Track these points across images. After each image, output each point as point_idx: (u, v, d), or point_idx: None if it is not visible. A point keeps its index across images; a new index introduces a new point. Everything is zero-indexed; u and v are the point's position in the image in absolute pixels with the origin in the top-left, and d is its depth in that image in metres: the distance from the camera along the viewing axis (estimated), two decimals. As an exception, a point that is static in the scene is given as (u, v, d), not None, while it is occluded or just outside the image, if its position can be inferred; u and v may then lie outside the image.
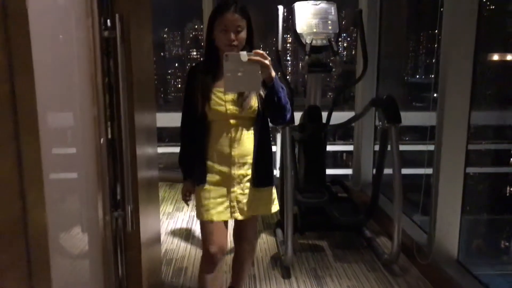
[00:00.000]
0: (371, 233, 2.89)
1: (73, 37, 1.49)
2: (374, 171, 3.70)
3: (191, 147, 1.75)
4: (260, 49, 1.52)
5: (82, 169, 1.57)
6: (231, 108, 1.66)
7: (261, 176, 1.74)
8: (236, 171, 1.71)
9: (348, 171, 4.53)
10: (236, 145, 1.69)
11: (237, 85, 1.49)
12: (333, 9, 2.84)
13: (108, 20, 1.57)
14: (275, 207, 1.80)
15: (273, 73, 1.55)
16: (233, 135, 1.69)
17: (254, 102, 1.66)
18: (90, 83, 1.56)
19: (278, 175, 4.29)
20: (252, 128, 1.70)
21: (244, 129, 1.69)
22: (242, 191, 1.73)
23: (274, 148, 4.30)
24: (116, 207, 1.68)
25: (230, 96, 1.66)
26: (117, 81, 1.62)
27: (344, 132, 5.03)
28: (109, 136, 1.67)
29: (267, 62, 1.49)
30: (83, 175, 1.58)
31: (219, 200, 1.73)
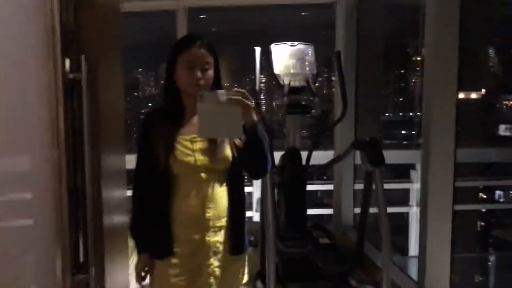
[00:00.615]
0: (357, 282, 2.73)
1: (33, 78, 1.37)
2: (356, 211, 3.64)
3: (150, 211, 1.41)
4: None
5: (37, 222, 1.39)
6: (201, 158, 1.39)
7: (239, 240, 1.46)
8: (212, 238, 1.40)
9: (325, 211, 4.43)
10: (211, 204, 1.39)
11: (214, 129, 1.27)
12: (310, 51, 2.82)
13: (74, 62, 1.48)
14: (246, 277, 1.56)
15: (255, 117, 1.31)
16: (205, 192, 1.39)
17: (227, 150, 1.41)
18: (50, 126, 1.43)
19: (255, 219, 4.14)
20: (225, 182, 1.43)
21: (217, 184, 1.41)
22: (219, 262, 1.42)
23: (249, 189, 4.15)
24: (78, 268, 1.49)
25: (199, 145, 1.40)
26: (82, 124, 1.50)
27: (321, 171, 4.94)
28: (72, 183, 1.51)
29: (249, 103, 1.26)
30: (39, 230, 1.40)
31: (191, 276, 1.40)
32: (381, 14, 3.95)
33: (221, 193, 1.42)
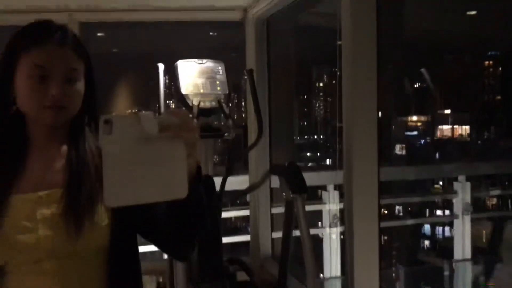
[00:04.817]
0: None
1: None
2: (274, 236, 3.47)
3: None
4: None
5: None
6: (48, 234, 0.81)
7: None
8: None
9: (241, 238, 4.22)
10: None
11: (135, 189, 0.68)
12: (220, 69, 2.60)
13: None
14: None
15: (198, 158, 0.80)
16: None
17: (103, 214, 0.85)
18: None
19: (164, 256, 3.76)
20: (99, 273, 0.85)
21: (81, 278, 0.82)
22: None
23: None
24: None
25: (48, 209, 0.82)
26: None
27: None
28: None
29: (196, 133, 0.75)
30: None
31: None
32: (290, 35, 3.92)
33: None
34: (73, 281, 0.82)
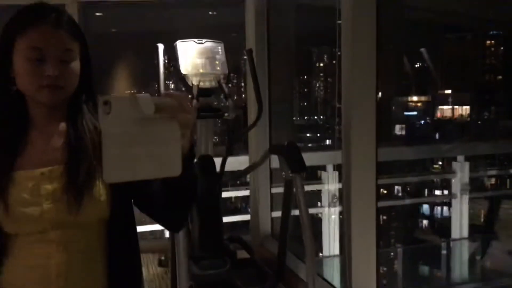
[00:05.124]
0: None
1: None
2: (274, 215, 3.52)
3: None
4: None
5: None
6: (51, 208, 0.87)
7: None
8: None
9: (241, 217, 4.27)
10: (62, 282, 0.87)
11: (132, 166, 0.71)
12: (220, 49, 2.60)
13: None
14: None
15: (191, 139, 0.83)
16: (56, 263, 0.87)
17: (101, 189, 0.89)
18: None
19: (166, 235, 3.82)
20: (98, 244, 0.91)
21: (80, 249, 0.89)
22: None
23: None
24: None
25: (51, 184, 0.87)
26: None
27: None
28: None
29: (191, 115, 0.76)
30: None
31: None
32: (290, 14, 3.88)
33: (86, 265, 0.89)
34: (76, 248, 0.89)
